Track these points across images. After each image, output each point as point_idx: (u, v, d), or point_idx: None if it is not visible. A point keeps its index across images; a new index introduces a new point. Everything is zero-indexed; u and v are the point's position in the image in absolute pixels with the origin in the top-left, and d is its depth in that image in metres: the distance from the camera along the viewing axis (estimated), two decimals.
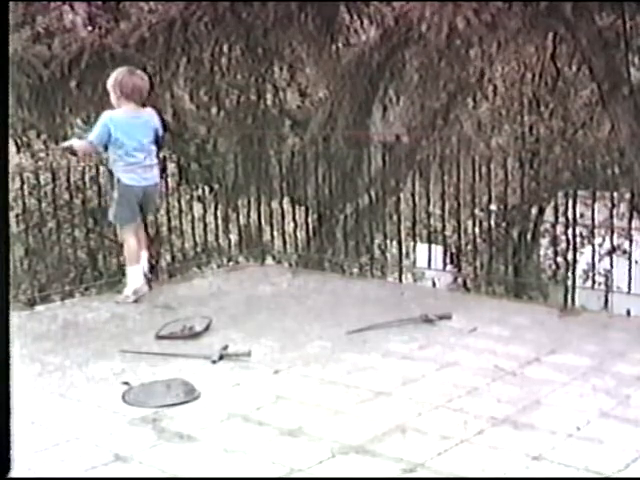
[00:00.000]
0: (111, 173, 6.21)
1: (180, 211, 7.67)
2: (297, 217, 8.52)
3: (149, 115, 6.21)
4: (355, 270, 8.27)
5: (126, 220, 6.22)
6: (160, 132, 6.31)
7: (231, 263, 8.06)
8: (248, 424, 3.98)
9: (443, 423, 3.93)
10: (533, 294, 8.25)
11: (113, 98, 6.06)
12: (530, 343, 5.08)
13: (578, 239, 6.91)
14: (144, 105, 6.17)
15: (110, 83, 6.09)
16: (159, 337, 5.30)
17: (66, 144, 6.59)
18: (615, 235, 6.71)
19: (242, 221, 8.09)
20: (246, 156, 8.14)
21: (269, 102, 10.33)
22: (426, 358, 4.89)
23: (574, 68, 9.12)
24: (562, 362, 4.75)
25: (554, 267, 8.37)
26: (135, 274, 6.22)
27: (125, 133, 5.96)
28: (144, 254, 6.34)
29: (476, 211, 7.42)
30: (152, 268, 6.65)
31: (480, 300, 6.74)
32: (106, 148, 6.09)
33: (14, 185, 6.30)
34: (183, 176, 8.99)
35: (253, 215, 7.88)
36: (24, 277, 7.79)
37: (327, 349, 5.06)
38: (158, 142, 6.26)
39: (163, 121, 6.73)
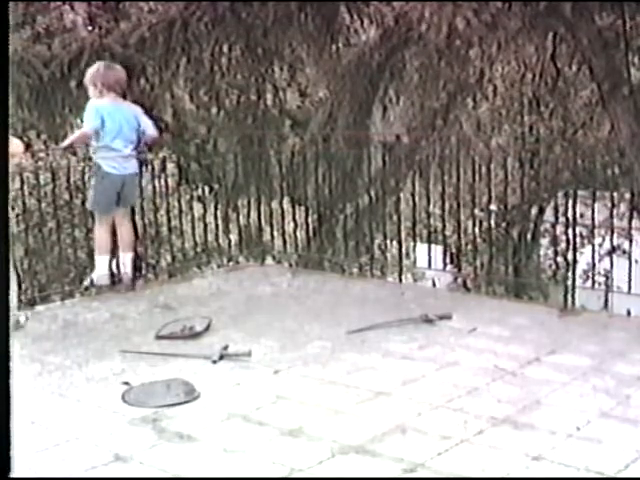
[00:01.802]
0: (91, 160, 6.29)
1: (180, 211, 7.66)
2: (297, 217, 8.51)
3: (132, 108, 6.34)
4: (355, 270, 8.26)
5: (102, 208, 6.26)
6: (147, 125, 6.36)
7: (231, 263, 8.05)
8: (248, 424, 3.98)
9: (443, 423, 3.93)
10: (533, 294, 8.24)
11: (93, 92, 6.19)
12: (530, 343, 5.08)
13: (578, 239, 6.91)
14: (124, 97, 6.31)
15: (89, 77, 6.23)
16: (159, 337, 5.30)
17: (66, 143, 6.63)
18: (615, 235, 6.70)
19: (242, 221, 8.08)
20: (246, 156, 8.14)
21: (269, 102, 10.31)
22: (426, 358, 4.89)
23: (574, 68, 9.11)
24: (562, 362, 4.75)
25: (554, 267, 8.37)
26: (100, 263, 6.26)
27: (110, 121, 6.09)
28: (129, 255, 6.36)
29: (476, 211, 7.42)
30: (138, 269, 6.65)
31: (480, 300, 6.74)
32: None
33: (14, 185, 6.30)
34: (183, 176, 8.98)
35: (253, 215, 7.88)
36: (24, 277, 7.78)
37: (327, 349, 5.06)
38: (139, 137, 6.31)
39: (156, 122, 6.75)
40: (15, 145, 5.36)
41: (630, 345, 5.04)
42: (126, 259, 6.39)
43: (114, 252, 6.38)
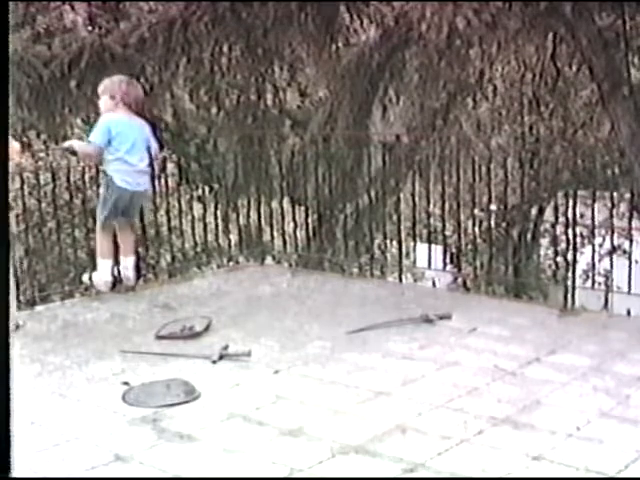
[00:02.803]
0: (104, 172, 6.17)
1: (180, 211, 7.66)
2: (297, 217, 8.51)
3: (143, 124, 6.21)
4: (355, 270, 8.27)
5: (108, 219, 6.19)
6: (153, 146, 6.25)
7: (231, 263, 8.05)
8: (248, 424, 3.98)
9: (443, 423, 3.93)
10: (533, 294, 8.25)
11: (109, 103, 5.97)
12: (530, 343, 5.08)
13: (578, 239, 6.91)
14: (138, 115, 6.18)
15: (106, 89, 6.01)
16: (159, 337, 5.30)
17: (66, 144, 6.57)
18: (615, 235, 6.71)
19: (242, 221, 8.09)
20: (246, 156, 8.14)
21: (269, 102, 10.33)
22: (426, 358, 4.89)
23: (574, 68, 9.12)
24: (562, 362, 4.75)
25: (554, 267, 8.38)
26: (102, 268, 6.23)
27: (124, 136, 5.94)
28: (131, 258, 6.33)
29: (476, 211, 7.42)
30: (139, 271, 6.64)
31: (480, 300, 6.74)
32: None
33: (14, 185, 6.29)
34: (183, 176, 8.98)
35: (253, 215, 7.88)
36: (24, 277, 7.78)
37: (327, 349, 5.06)
38: (150, 154, 6.21)
39: (159, 139, 6.63)
40: (11, 147, 5.33)
41: (630, 345, 5.04)
42: (128, 263, 6.35)
43: (116, 256, 6.34)
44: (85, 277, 6.42)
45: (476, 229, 7.64)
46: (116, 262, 6.32)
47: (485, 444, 3.70)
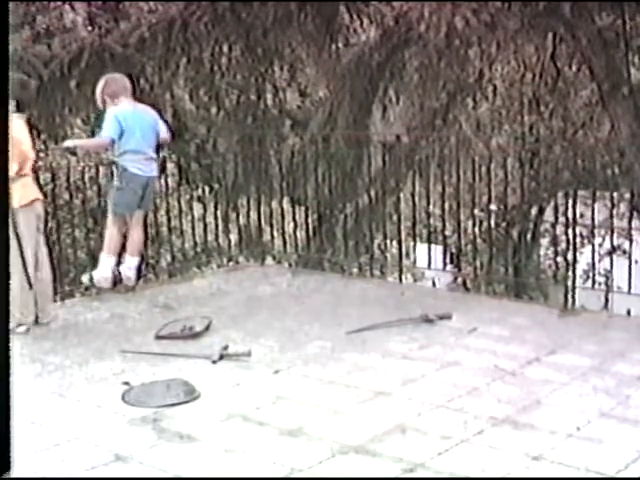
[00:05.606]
0: (115, 164, 6.18)
1: (180, 211, 7.66)
2: (297, 217, 8.51)
3: (150, 111, 6.30)
4: (355, 270, 8.27)
5: (126, 209, 6.18)
6: (162, 130, 6.32)
7: (231, 263, 8.06)
8: (248, 424, 3.98)
9: (443, 423, 3.93)
10: (533, 294, 8.25)
11: (109, 104, 6.07)
12: (530, 343, 5.08)
13: (578, 239, 6.91)
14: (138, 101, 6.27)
15: (98, 96, 6.14)
16: (159, 337, 5.30)
17: (68, 144, 6.58)
18: (615, 235, 6.71)
19: (242, 221, 8.09)
20: (246, 156, 8.14)
21: (269, 102, 10.32)
22: (426, 358, 4.89)
23: (574, 68, 9.12)
24: (562, 362, 4.75)
25: (554, 267, 8.38)
26: (105, 264, 6.22)
27: (132, 125, 6.01)
28: (136, 259, 6.32)
29: (476, 211, 7.42)
30: (139, 272, 6.63)
31: (480, 300, 6.74)
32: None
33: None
34: (183, 176, 8.98)
35: (253, 215, 7.88)
36: None
37: (327, 349, 5.06)
38: (158, 141, 6.26)
39: (168, 125, 6.69)
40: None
41: (630, 345, 5.04)
42: (132, 263, 6.33)
43: (120, 255, 6.33)
44: (85, 278, 6.41)
45: (476, 229, 7.64)
46: (119, 261, 6.32)
47: (485, 444, 3.71)
